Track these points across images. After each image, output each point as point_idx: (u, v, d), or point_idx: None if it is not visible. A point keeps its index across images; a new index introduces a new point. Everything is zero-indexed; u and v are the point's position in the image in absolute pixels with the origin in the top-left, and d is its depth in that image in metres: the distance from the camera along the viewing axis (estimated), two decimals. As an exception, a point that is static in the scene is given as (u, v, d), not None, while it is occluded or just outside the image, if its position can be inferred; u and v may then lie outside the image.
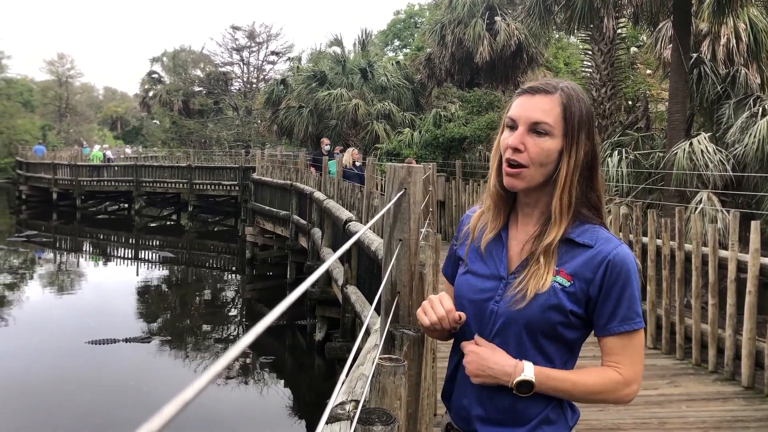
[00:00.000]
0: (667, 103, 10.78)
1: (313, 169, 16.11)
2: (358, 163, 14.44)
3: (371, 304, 7.23)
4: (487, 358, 1.45)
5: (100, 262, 20.76)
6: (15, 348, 10.96)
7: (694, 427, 4.23)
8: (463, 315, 1.51)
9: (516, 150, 1.42)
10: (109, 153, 36.26)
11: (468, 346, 1.50)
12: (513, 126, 1.45)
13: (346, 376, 1.83)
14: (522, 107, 1.44)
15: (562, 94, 1.43)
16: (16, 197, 34.70)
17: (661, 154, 9.64)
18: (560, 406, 1.49)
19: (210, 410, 8.47)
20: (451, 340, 1.64)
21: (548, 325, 1.43)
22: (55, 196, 30.78)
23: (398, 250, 1.78)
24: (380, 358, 1.48)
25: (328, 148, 16.46)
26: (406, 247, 1.78)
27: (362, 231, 1.30)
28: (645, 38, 17.58)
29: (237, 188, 26.99)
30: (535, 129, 1.41)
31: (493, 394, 1.48)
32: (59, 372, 9.91)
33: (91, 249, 23.34)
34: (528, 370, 1.41)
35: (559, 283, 1.42)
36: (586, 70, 15.42)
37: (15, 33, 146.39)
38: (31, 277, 17.23)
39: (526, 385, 1.41)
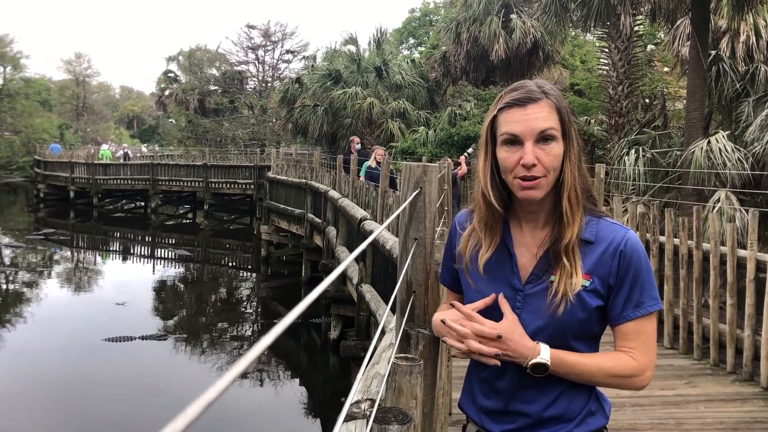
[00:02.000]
0: (684, 101, 10.68)
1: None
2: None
3: (386, 302, 7.23)
4: (510, 334, 1.43)
5: (117, 260, 20.93)
6: (33, 345, 11.08)
7: (712, 428, 4.19)
8: (493, 296, 1.49)
9: (532, 166, 1.39)
10: (127, 151, 36.65)
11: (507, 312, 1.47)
12: (514, 141, 1.41)
13: (362, 375, 1.83)
14: (521, 122, 1.40)
15: (551, 97, 1.43)
16: (34, 196, 35.07)
17: (678, 153, 9.56)
18: (597, 399, 1.53)
19: (226, 408, 8.51)
20: None
21: (578, 327, 1.44)
22: (72, 194, 31.07)
23: (414, 249, 1.77)
24: (396, 358, 1.48)
25: (359, 147, 14.87)
26: (421, 247, 1.78)
27: (378, 231, 1.30)
28: (662, 35, 17.44)
29: (252, 187, 27.08)
30: (542, 137, 1.40)
31: (530, 402, 1.49)
32: (76, 369, 10.00)
33: (107, 247, 23.54)
34: (544, 353, 1.41)
35: (581, 285, 1.42)
36: (603, 67, 15.32)
37: (33, 33, 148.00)
38: (49, 275, 17.40)
39: (540, 367, 1.41)
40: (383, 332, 3.22)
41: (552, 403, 1.48)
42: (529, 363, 1.41)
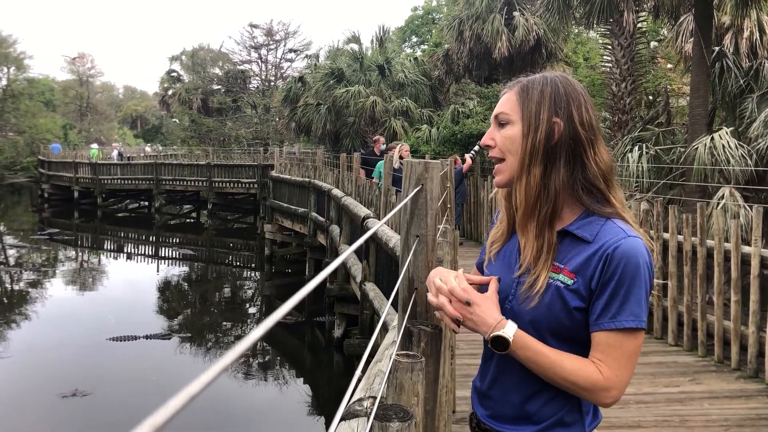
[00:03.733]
0: (688, 98, 10.64)
1: (362, 173, 12.85)
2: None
3: (389, 300, 7.22)
4: (481, 303, 1.43)
5: (121, 260, 20.97)
6: (38, 344, 11.10)
7: (716, 425, 4.17)
8: (495, 278, 1.50)
9: (488, 146, 1.48)
10: (120, 150, 36.76)
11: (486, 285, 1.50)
12: None
13: (362, 372, 1.82)
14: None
15: (520, 83, 1.46)
16: (38, 196, 35.18)
17: (682, 149, 9.53)
18: (578, 410, 1.45)
19: (230, 407, 8.52)
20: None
21: (556, 324, 1.39)
22: (76, 194, 31.15)
23: (415, 246, 1.76)
24: (397, 355, 1.47)
25: (383, 147, 13.32)
26: (423, 243, 1.77)
27: (379, 225, 1.29)
28: (665, 32, 17.39)
29: (256, 186, 27.10)
30: (499, 122, 1.46)
31: (507, 391, 1.49)
32: (81, 368, 10.02)
33: (111, 246, 23.59)
34: (509, 329, 1.37)
35: (562, 282, 1.38)
36: (606, 64, 15.27)
37: (36, 33, 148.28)
38: (53, 275, 17.44)
39: (501, 341, 1.37)
40: (385, 329, 3.22)
41: (528, 399, 1.46)
42: (490, 335, 1.39)
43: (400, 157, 10.70)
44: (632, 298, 1.32)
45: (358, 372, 1.13)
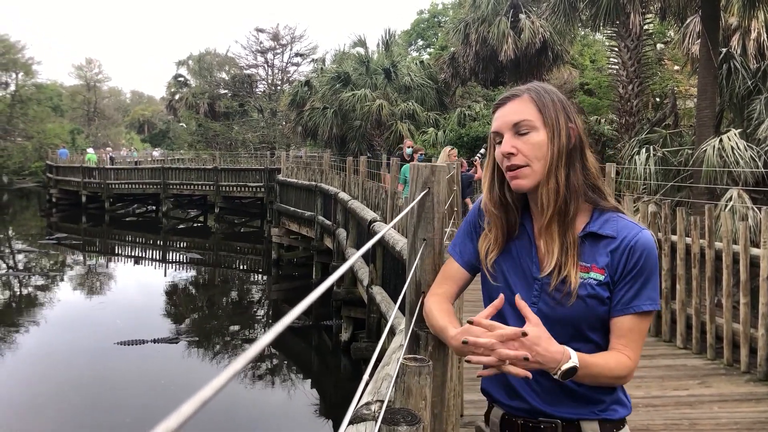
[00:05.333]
0: (695, 100, 10.61)
1: (401, 187, 10.36)
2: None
3: (396, 304, 7.22)
4: (539, 335, 1.37)
5: (129, 264, 21.04)
6: (46, 348, 11.14)
7: (726, 429, 4.15)
8: (501, 297, 1.46)
9: (510, 155, 1.47)
10: (112, 155, 36.92)
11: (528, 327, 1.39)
12: (500, 140, 1.51)
13: (370, 376, 1.82)
14: (500, 119, 1.51)
15: (529, 91, 1.51)
16: (46, 200, 35.33)
17: (689, 151, 9.50)
18: (622, 389, 1.57)
19: (237, 411, 8.53)
20: None
21: (595, 319, 1.48)
22: (84, 199, 31.27)
23: (422, 249, 1.77)
24: (405, 358, 1.47)
25: (410, 150, 12.13)
26: (430, 247, 1.77)
27: (386, 229, 1.29)
28: (672, 34, 17.35)
29: (263, 190, 27.14)
30: (518, 131, 1.48)
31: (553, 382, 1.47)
32: (89, 372, 10.05)
33: (119, 251, 23.67)
34: (574, 357, 1.39)
35: (594, 279, 1.46)
36: (613, 67, 15.24)
37: (44, 39, 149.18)
38: (62, 279, 17.51)
39: (571, 371, 1.38)
40: (392, 333, 3.22)
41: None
42: (561, 368, 1.37)
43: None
44: (650, 285, 1.47)
45: (366, 376, 1.13)
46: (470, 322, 1.40)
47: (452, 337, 1.46)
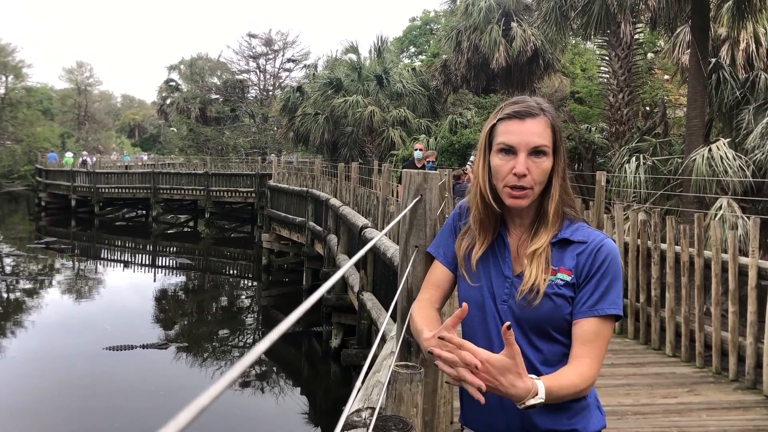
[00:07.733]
0: (685, 109, 10.68)
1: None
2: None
3: (387, 310, 7.21)
4: (509, 368, 1.32)
5: (118, 269, 20.93)
6: (34, 353, 11.06)
7: (714, 437, 4.16)
8: (465, 306, 1.41)
9: (522, 176, 1.49)
10: (86, 159, 36.74)
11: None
12: (509, 151, 1.51)
13: (362, 383, 1.82)
14: (517, 134, 1.50)
15: (545, 114, 1.53)
16: (35, 204, 35.14)
17: (679, 160, 9.55)
18: (597, 401, 1.61)
19: (226, 417, 8.49)
20: None
21: (562, 320, 1.51)
22: (73, 203, 31.12)
23: (414, 256, 1.77)
24: (396, 365, 1.47)
25: (419, 154, 11.13)
26: (422, 254, 1.78)
27: (378, 237, 1.29)
28: (662, 43, 17.46)
29: (253, 195, 27.10)
30: (535, 152, 1.50)
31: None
32: (77, 377, 9.99)
33: (109, 255, 23.54)
34: (541, 392, 1.34)
35: (562, 279, 1.51)
36: (603, 75, 15.33)
37: (35, 42, 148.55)
38: (50, 284, 17.40)
39: (536, 406, 1.35)
40: (384, 340, 3.21)
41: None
42: (526, 403, 1.33)
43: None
44: (614, 290, 1.50)
45: (358, 383, 1.13)
46: (441, 338, 1.34)
47: (425, 339, 1.43)
